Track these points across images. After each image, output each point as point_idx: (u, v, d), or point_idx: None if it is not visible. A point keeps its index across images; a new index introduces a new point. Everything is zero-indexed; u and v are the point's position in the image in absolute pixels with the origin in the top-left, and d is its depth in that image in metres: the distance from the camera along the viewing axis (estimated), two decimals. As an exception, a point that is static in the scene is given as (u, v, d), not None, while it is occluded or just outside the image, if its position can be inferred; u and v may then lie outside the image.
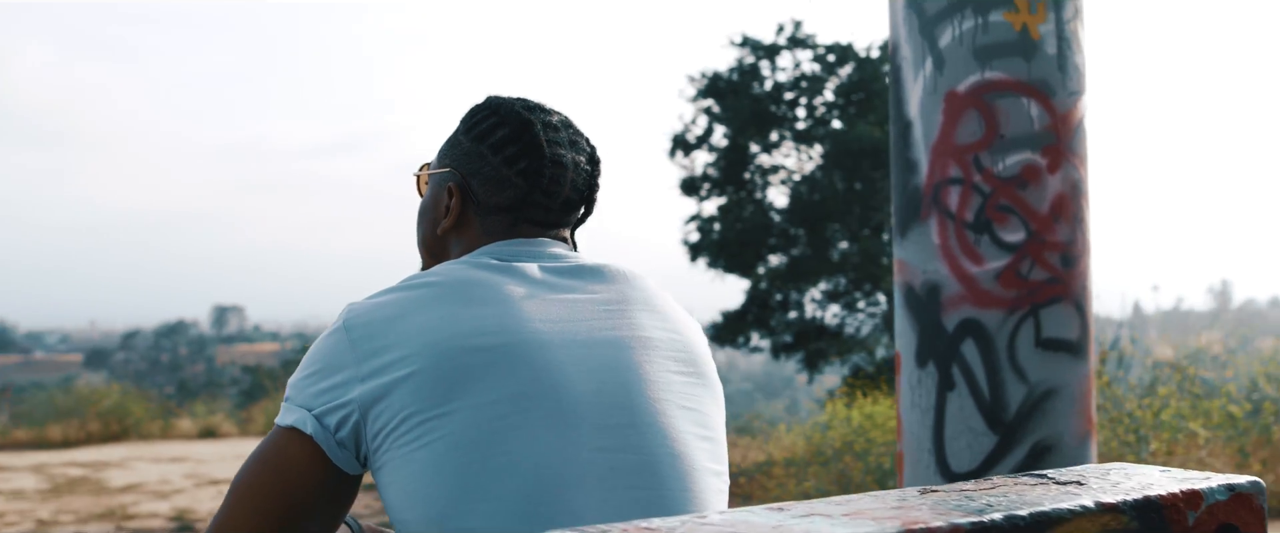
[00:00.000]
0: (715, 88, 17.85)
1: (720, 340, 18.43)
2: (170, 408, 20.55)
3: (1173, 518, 1.00)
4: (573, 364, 1.44)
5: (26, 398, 21.28)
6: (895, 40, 2.96)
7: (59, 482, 13.67)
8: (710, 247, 17.75)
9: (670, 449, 1.45)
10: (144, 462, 15.46)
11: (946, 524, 0.89)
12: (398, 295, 1.48)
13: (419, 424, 1.38)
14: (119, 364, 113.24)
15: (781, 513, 0.94)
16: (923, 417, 2.85)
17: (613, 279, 1.59)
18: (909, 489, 1.03)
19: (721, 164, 17.98)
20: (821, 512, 0.93)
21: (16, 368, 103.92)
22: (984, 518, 0.91)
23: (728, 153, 17.91)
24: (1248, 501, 1.04)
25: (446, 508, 1.36)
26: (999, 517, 0.91)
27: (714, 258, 17.74)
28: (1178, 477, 1.06)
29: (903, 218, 2.97)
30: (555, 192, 1.63)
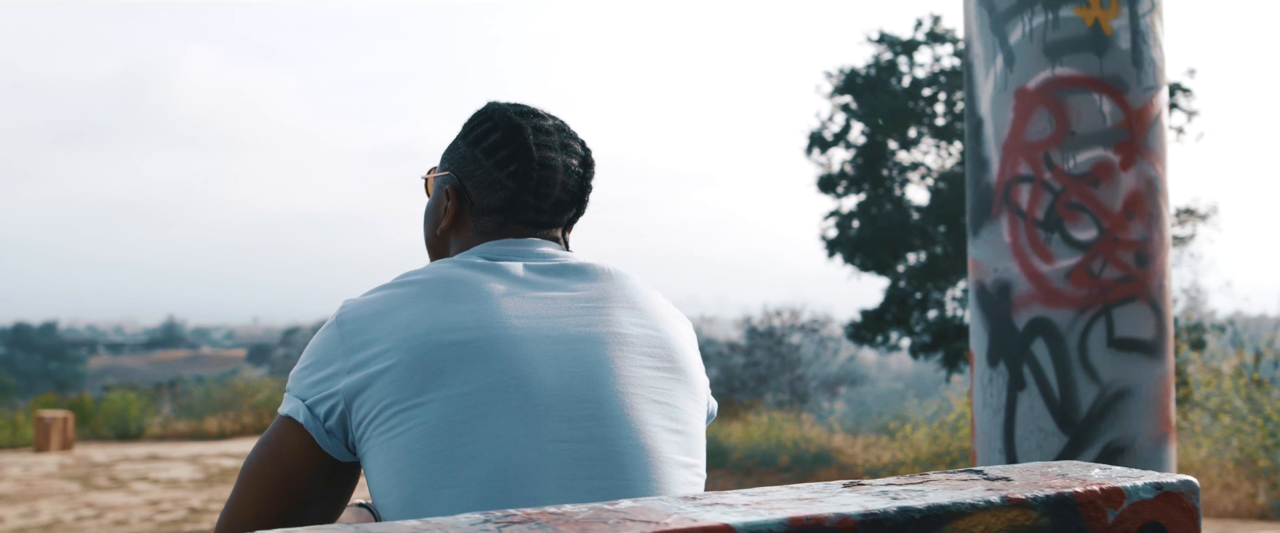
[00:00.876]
0: (852, 84, 17.70)
1: (858, 339, 18.24)
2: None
3: (1090, 516, 1.00)
4: (543, 358, 1.50)
5: (189, 392, 22.14)
6: (968, 37, 2.94)
7: (212, 472, 14.22)
8: (848, 244, 17.61)
9: (635, 441, 1.50)
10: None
11: (835, 515, 0.91)
12: (387, 292, 1.56)
13: (396, 414, 1.46)
14: (279, 359, 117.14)
15: (691, 502, 0.98)
16: (994, 416, 2.82)
17: (596, 278, 1.64)
18: (836, 482, 1.06)
19: (859, 161, 17.81)
20: (730, 502, 0.96)
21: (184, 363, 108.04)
22: (875, 510, 0.93)
23: (865, 150, 17.74)
24: (1178, 500, 1.04)
25: (417, 493, 1.44)
26: (892, 510, 0.93)
27: (851, 255, 17.59)
28: (1110, 475, 1.06)
29: (975, 216, 2.94)
30: (545, 193, 1.69)
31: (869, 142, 17.71)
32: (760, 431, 15.84)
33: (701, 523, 0.88)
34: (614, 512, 0.93)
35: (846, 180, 17.94)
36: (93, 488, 13.13)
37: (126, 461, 15.65)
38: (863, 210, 17.84)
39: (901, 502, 0.94)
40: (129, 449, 17.31)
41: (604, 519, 0.90)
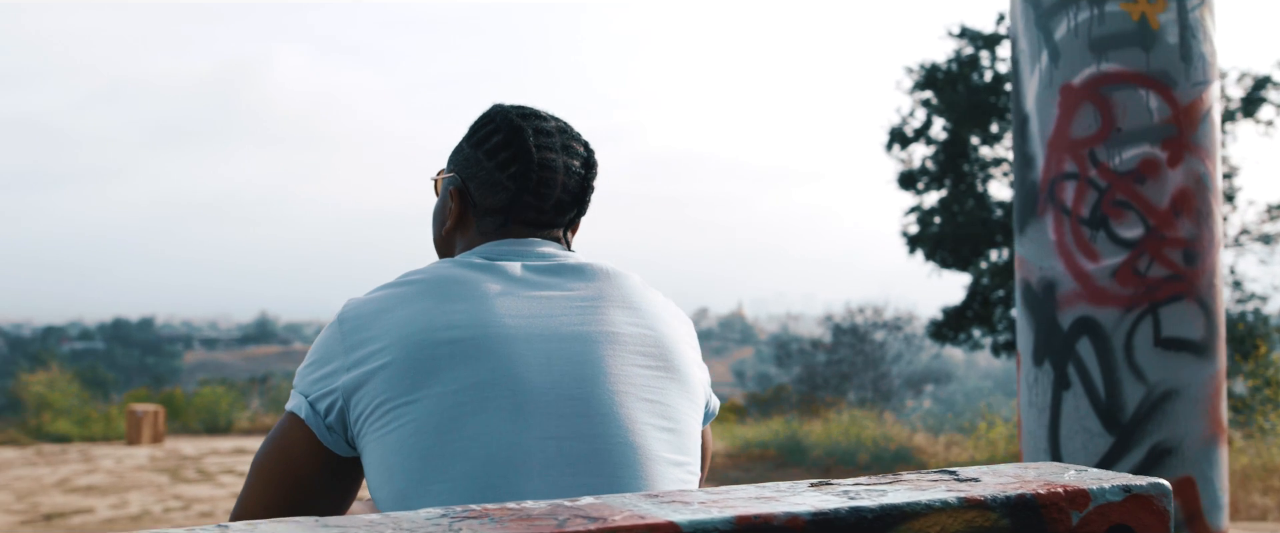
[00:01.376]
0: (933, 79, 17.52)
1: (940, 337, 18.05)
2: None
3: (1053, 517, 1.00)
4: (534, 357, 1.52)
5: (277, 387, 22.54)
6: (1014, 33, 2.90)
7: (297, 466, 14.49)
8: (928, 240, 17.44)
9: (623, 439, 1.52)
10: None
11: (784, 514, 0.92)
12: (387, 292, 1.60)
13: (390, 410, 1.49)
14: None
15: (650, 500, 0.99)
16: (1039, 416, 2.79)
17: (593, 277, 1.66)
18: (803, 482, 1.06)
19: (940, 157, 17.63)
20: (687, 500, 0.98)
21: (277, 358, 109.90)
22: (825, 509, 0.93)
23: (946, 145, 17.55)
24: (1147, 502, 1.03)
25: (408, 488, 1.47)
26: (844, 509, 0.94)
27: (932, 252, 17.41)
28: (1080, 477, 1.06)
29: (1021, 214, 2.90)
30: (545, 194, 1.72)
31: (950, 137, 17.52)
32: (840, 429, 15.76)
33: (648, 521, 0.90)
34: (569, 508, 0.94)
35: (927, 176, 17.76)
36: (181, 481, 13.43)
37: (214, 454, 15.97)
38: (944, 207, 17.65)
39: (856, 502, 0.95)
40: (217, 443, 17.67)
41: (556, 515, 0.92)
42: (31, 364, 57.20)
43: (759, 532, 0.91)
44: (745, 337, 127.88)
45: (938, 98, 17.51)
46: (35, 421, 18.80)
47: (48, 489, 12.94)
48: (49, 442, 17.87)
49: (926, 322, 19.22)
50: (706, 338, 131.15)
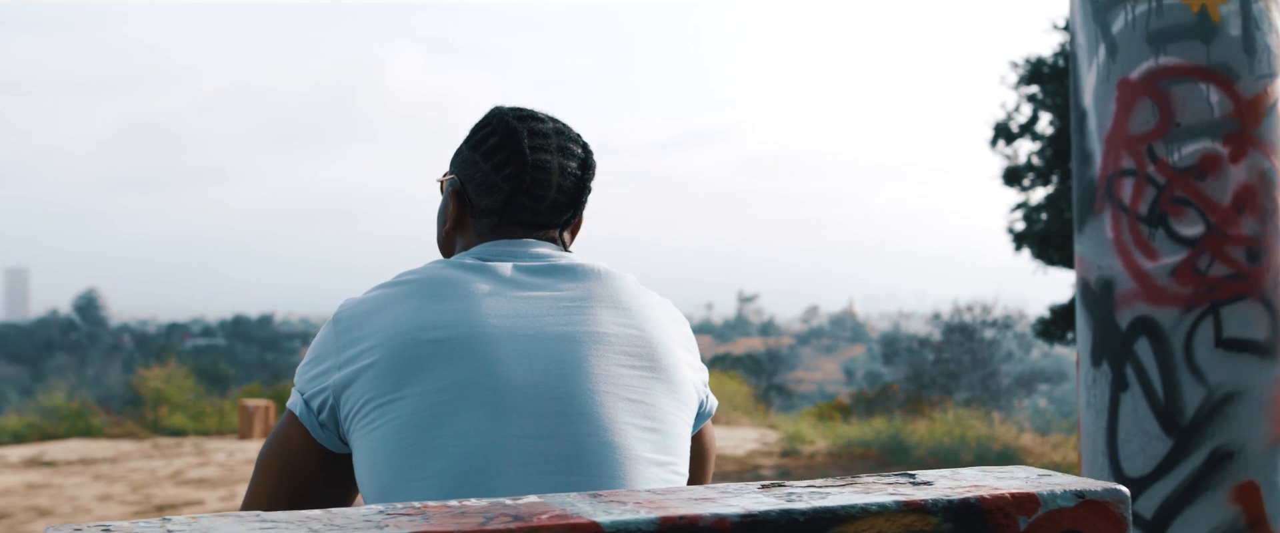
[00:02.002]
0: (1038, 73, 17.19)
1: (1048, 337, 17.71)
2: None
3: (999, 522, 0.98)
4: (517, 356, 1.54)
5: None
6: (1072, 26, 2.84)
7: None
8: (1035, 237, 17.11)
9: (602, 438, 1.53)
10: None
11: (711, 516, 0.92)
12: (380, 292, 1.63)
13: (376, 408, 1.53)
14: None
15: (590, 500, 1.00)
16: (1097, 418, 2.73)
17: (584, 278, 1.67)
18: (753, 484, 1.06)
19: (1046, 153, 17.29)
20: (623, 500, 0.98)
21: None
22: (755, 511, 0.93)
23: (1053, 141, 17.21)
24: (1103, 509, 1.01)
25: (390, 484, 1.50)
26: (774, 511, 0.93)
27: (1039, 249, 17.09)
28: (1032, 481, 1.04)
29: (1080, 211, 2.84)
30: (540, 195, 1.73)
31: (1057, 132, 17.18)
32: (944, 429, 15.57)
33: (571, 520, 0.90)
34: (503, 506, 0.96)
35: (1033, 172, 17.43)
36: (289, 474, 13.76)
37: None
38: (1050, 203, 17.31)
39: (790, 504, 0.94)
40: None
41: (487, 512, 0.93)
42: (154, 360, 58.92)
43: (684, 532, 0.91)
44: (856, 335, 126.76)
45: (1043, 92, 17.17)
46: (152, 415, 19.37)
47: (161, 481, 13.34)
48: (165, 435, 18.40)
49: (1032, 321, 18.87)
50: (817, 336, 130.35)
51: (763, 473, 13.27)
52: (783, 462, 14.25)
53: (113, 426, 18.75)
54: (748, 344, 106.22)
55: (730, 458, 14.44)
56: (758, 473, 13.25)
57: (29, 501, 11.92)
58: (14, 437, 17.69)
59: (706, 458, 1.84)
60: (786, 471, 13.46)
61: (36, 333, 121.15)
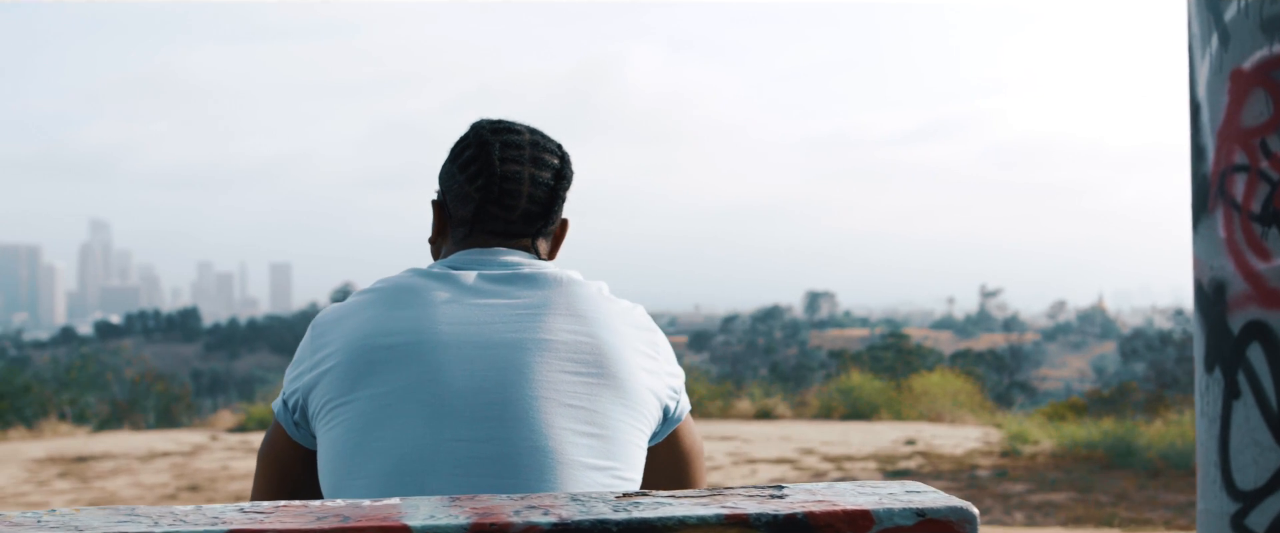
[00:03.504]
0: None
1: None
2: (728, 389, 21.70)
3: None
4: (461, 363, 1.59)
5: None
6: (1188, 16, 2.69)
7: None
8: None
9: (536, 443, 1.56)
10: (697, 439, 16.53)
11: (522, 524, 0.95)
12: (353, 299, 1.71)
13: (332, 409, 1.61)
14: (719, 346, 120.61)
15: (433, 502, 1.03)
16: (1209, 426, 2.57)
17: (543, 286, 1.70)
18: (611, 493, 1.08)
19: None
20: (433, 506, 1.01)
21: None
22: (568, 518, 0.95)
23: None
24: (945, 527, 0.98)
25: (337, 483, 1.58)
26: (585, 521, 0.95)
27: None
28: (874, 496, 1.02)
29: (1195, 209, 2.69)
30: (510, 204, 1.77)
31: None
32: (1179, 430, 14.83)
33: (382, 522, 0.94)
34: (338, 508, 1.00)
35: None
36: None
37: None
38: None
39: (603, 515, 0.96)
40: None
41: (322, 512, 0.98)
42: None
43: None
44: (1106, 331, 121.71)
45: None
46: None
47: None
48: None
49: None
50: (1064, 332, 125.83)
51: (978, 474, 12.94)
52: (1001, 462, 13.86)
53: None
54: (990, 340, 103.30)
55: (947, 458, 14.13)
56: (972, 474, 12.93)
57: (266, 484, 12.66)
58: (259, 424, 18.77)
59: (688, 461, 1.84)
60: (1003, 471, 13.09)
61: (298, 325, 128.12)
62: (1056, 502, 11.08)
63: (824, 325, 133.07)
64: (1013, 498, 11.38)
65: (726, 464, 13.81)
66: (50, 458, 15.16)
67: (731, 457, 14.43)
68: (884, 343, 60.40)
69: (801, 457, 14.34)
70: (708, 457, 14.40)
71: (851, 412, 19.83)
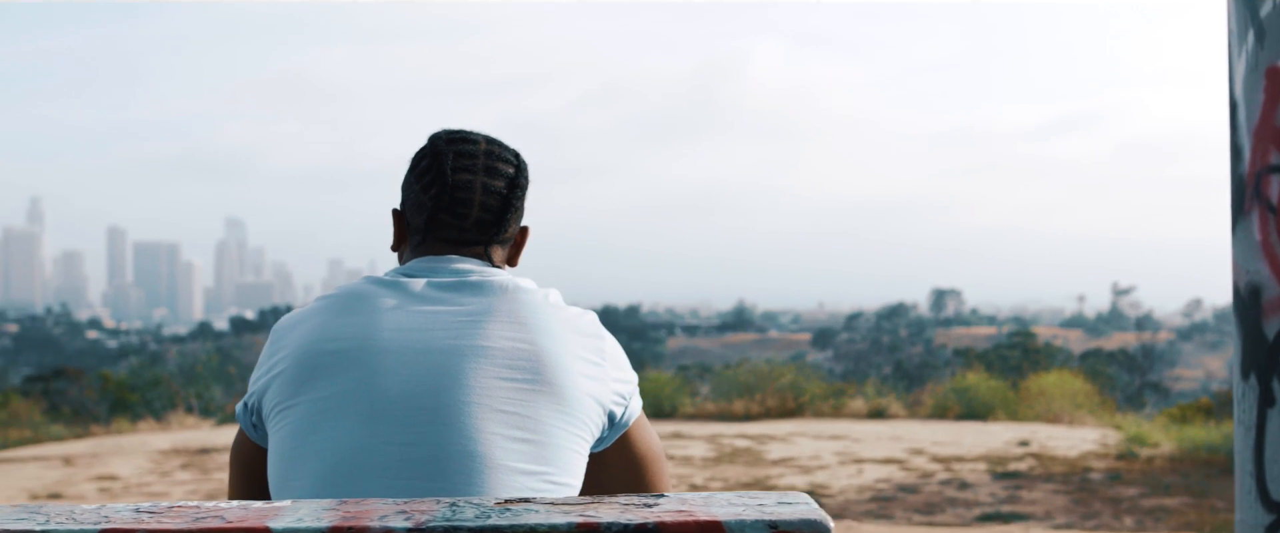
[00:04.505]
0: None
1: None
2: (840, 388, 21.53)
3: (677, 550, 0.99)
4: (399, 368, 1.63)
5: (719, 374, 23.21)
6: (1227, 12, 2.60)
7: (724, 452, 14.97)
8: None
9: (465, 447, 1.59)
10: (806, 438, 16.44)
11: (380, 527, 0.98)
12: (309, 306, 1.76)
13: (280, 412, 1.67)
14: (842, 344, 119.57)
15: (303, 505, 1.07)
16: (1246, 435, 2.49)
17: (488, 293, 1.73)
18: (491, 497, 1.10)
19: None
20: (305, 510, 1.05)
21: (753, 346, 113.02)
22: (424, 523, 0.98)
23: None
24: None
25: (279, 484, 1.63)
26: (441, 526, 0.98)
27: None
28: (731, 507, 1.03)
29: (1233, 211, 2.61)
30: (463, 213, 1.81)
31: None
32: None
33: (242, 524, 0.98)
34: (221, 509, 1.04)
35: None
36: (615, 461, 14.24)
37: (653, 437, 16.79)
38: None
39: (460, 521, 0.99)
40: (658, 426, 18.53)
41: (196, 514, 1.02)
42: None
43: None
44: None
45: None
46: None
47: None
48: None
49: None
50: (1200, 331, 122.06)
51: (1090, 477, 12.66)
52: (1116, 465, 13.53)
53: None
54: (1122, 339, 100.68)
55: (1060, 460, 13.85)
56: (1083, 477, 12.65)
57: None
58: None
59: (644, 465, 1.85)
60: (1117, 474, 12.78)
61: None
62: (1169, 507, 10.79)
63: (950, 323, 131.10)
64: (1124, 502, 11.12)
65: (833, 464, 13.73)
66: (175, 450, 15.69)
67: (839, 457, 14.33)
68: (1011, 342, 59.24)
69: (910, 457, 14.18)
70: (814, 457, 14.32)
71: (967, 412, 19.54)
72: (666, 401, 20.48)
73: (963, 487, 12.00)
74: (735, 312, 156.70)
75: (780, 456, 14.57)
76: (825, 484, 12.27)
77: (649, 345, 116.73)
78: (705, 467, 13.72)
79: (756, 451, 15.06)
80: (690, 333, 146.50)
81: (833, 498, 11.46)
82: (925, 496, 11.54)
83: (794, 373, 20.60)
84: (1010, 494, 11.46)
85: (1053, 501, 11.19)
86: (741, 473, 13.13)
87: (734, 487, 12.21)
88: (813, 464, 13.76)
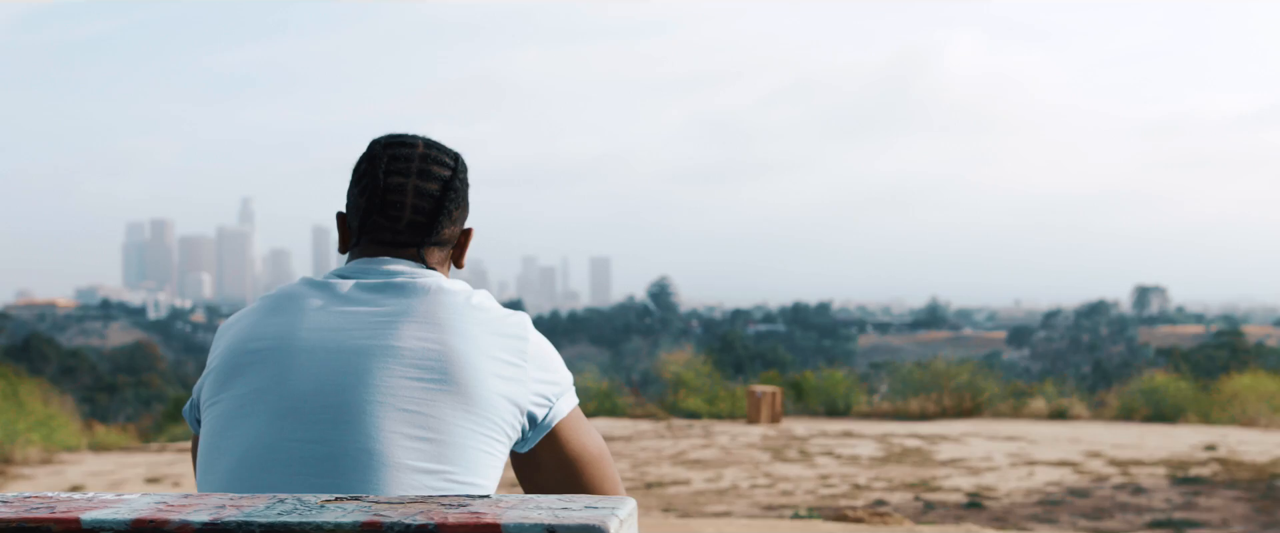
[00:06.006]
0: None
1: None
2: (1019, 387, 20.97)
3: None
4: (310, 367, 1.66)
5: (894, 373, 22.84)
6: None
7: (893, 451, 14.74)
8: None
9: (363, 445, 1.61)
10: (980, 439, 16.06)
11: (178, 521, 1.01)
12: (248, 307, 1.80)
13: (207, 408, 1.74)
14: (1039, 343, 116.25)
15: (140, 497, 1.11)
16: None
17: (409, 295, 1.75)
18: (324, 496, 1.12)
19: None
20: (128, 503, 1.08)
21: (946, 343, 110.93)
22: (222, 519, 1.01)
23: None
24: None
25: (200, 478, 1.69)
26: (232, 523, 1.00)
27: None
28: (516, 510, 1.02)
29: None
30: (395, 215, 1.83)
31: None
32: None
33: (51, 515, 1.02)
34: (52, 500, 1.09)
35: None
36: (780, 460, 14.17)
37: (822, 435, 16.65)
38: None
39: (249, 518, 1.01)
40: (830, 425, 18.38)
41: (32, 505, 1.07)
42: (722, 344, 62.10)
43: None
44: None
45: None
46: (672, 397, 20.62)
47: (661, 460, 14.22)
48: (681, 417, 19.53)
49: None
50: None
51: (1277, 484, 12.02)
52: (1308, 472, 12.81)
53: (636, 406, 20.16)
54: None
55: (1248, 466, 13.20)
56: (1270, 484, 12.02)
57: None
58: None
59: (577, 465, 1.84)
60: (1308, 482, 12.10)
61: (616, 317, 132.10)
62: (1362, 518, 10.18)
63: (1154, 322, 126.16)
64: (1314, 512, 10.53)
65: (1003, 466, 13.38)
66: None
67: (1011, 458, 13.96)
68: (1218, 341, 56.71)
69: (1086, 460, 13.73)
70: (985, 458, 13.96)
71: (1155, 414, 18.82)
72: (841, 399, 20.27)
73: (1136, 492, 11.56)
74: (928, 309, 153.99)
75: (950, 456, 14.28)
76: (992, 486, 11.96)
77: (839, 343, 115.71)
78: (870, 467, 13.53)
79: (926, 451, 14.79)
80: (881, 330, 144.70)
81: (998, 501, 11.17)
82: (1095, 500, 11.15)
83: (970, 372, 20.12)
84: (1187, 501, 10.99)
85: (1233, 508, 10.68)
86: (906, 474, 12.91)
87: (897, 487, 12.02)
88: (982, 466, 13.43)
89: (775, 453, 14.75)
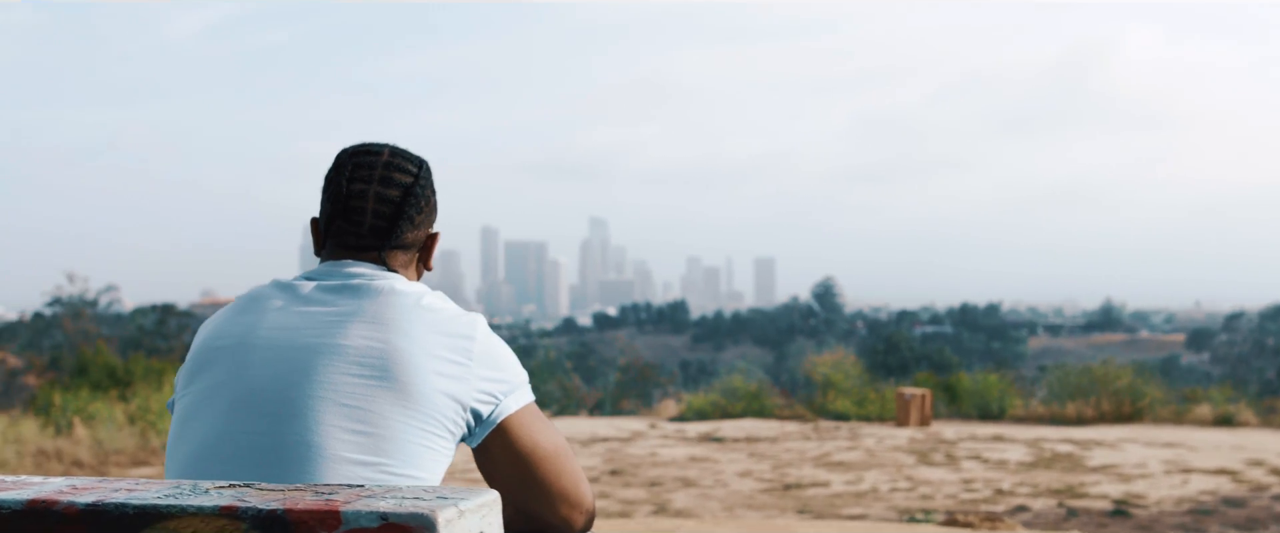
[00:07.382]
0: None
1: None
2: (1184, 393, 20.22)
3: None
4: (264, 363, 1.76)
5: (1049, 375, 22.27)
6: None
7: (1043, 456, 14.39)
8: None
9: (303, 438, 1.70)
10: (1136, 445, 15.57)
11: (65, 502, 1.11)
12: (224, 307, 1.90)
13: (177, 400, 1.82)
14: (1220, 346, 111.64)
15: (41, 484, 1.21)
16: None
17: (362, 296, 1.84)
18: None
19: None
20: (39, 486, 1.18)
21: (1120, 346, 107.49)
22: (102, 501, 1.10)
23: None
24: (404, 531, 1.04)
25: (166, 467, 1.78)
26: (111, 503, 1.10)
27: None
28: (355, 498, 1.09)
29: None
30: (357, 220, 1.92)
31: None
32: None
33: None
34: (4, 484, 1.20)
35: None
36: (925, 463, 13.96)
37: (972, 439, 16.34)
38: None
39: (121, 498, 1.10)
40: (981, 429, 18.02)
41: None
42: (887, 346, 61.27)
43: (41, 516, 1.11)
44: None
45: None
46: (821, 399, 20.47)
47: (803, 462, 14.15)
48: (828, 419, 19.37)
49: None
50: None
51: None
52: None
53: (784, 408, 20.08)
54: None
55: None
56: None
57: (682, 471, 13.20)
58: (698, 414, 19.55)
59: (529, 460, 1.90)
60: None
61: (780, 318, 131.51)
62: None
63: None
64: None
65: (1157, 473, 12.96)
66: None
67: (1166, 466, 13.51)
68: None
69: (1246, 469, 13.20)
70: (1139, 465, 13.54)
71: (1335, 422, 17.96)
72: (994, 402, 19.84)
73: (1296, 503, 11.07)
74: (1102, 310, 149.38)
75: (1101, 462, 13.88)
76: (1142, 494, 11.60)
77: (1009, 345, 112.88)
78: (1017, 472, 13.25)
79: (1077, 456, 14.41)
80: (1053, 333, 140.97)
81: (1146, 509, 10.84)
82: (1250, 510, 10.73)
83: (1130, 375, 19.48)
84: (1351, 513, 10.49)
85: (1400, 523, 10.16)
86: (1054, 479, 12.60)
87: (1041, 493, 11.75)
88: (1134, 473, 13.03)
89: (921, 456, 14.54)
